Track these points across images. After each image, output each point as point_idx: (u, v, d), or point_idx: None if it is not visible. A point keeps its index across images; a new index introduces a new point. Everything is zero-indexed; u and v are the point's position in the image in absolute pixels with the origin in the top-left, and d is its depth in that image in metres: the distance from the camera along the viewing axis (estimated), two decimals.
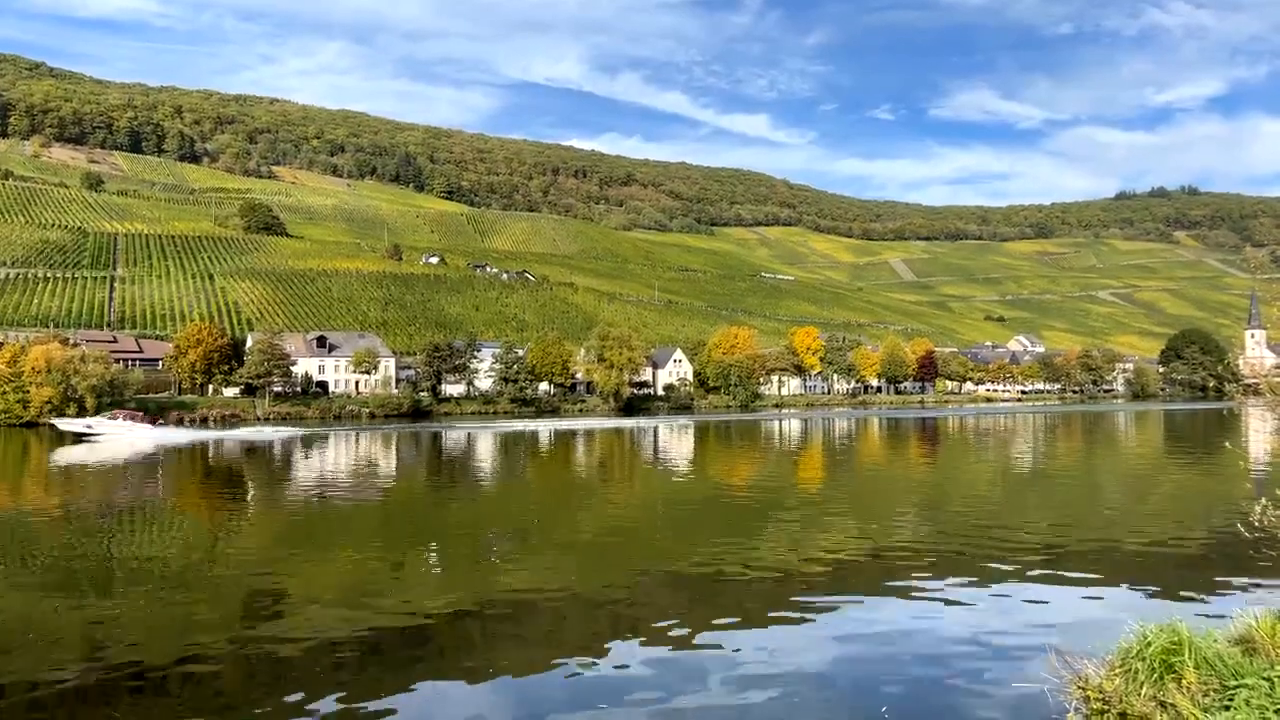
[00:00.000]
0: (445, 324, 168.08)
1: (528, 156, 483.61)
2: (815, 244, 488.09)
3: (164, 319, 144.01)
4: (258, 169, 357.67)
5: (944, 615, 15.58)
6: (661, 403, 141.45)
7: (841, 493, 36.78)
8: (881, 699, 11.59)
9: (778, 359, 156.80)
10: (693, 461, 54.26)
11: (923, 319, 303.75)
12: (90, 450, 60.58)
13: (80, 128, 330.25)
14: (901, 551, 21.61)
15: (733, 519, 28.08)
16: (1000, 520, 26.90)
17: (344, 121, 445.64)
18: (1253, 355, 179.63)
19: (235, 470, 49.68)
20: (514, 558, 22.37)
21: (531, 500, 36.25)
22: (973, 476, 42.93)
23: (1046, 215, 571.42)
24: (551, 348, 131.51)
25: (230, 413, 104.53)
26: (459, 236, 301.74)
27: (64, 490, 38.59)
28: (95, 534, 26.19)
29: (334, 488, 38.66)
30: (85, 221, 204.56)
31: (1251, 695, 8.25)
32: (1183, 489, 36.22)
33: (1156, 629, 9.83)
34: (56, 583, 19.33)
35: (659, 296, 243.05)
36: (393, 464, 52.58)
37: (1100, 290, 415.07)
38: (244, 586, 18.97)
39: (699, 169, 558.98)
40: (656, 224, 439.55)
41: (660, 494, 36.96)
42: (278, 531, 27.47)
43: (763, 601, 16.94)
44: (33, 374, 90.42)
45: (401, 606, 16.83)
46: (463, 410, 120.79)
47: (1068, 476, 42.08)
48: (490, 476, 45.24)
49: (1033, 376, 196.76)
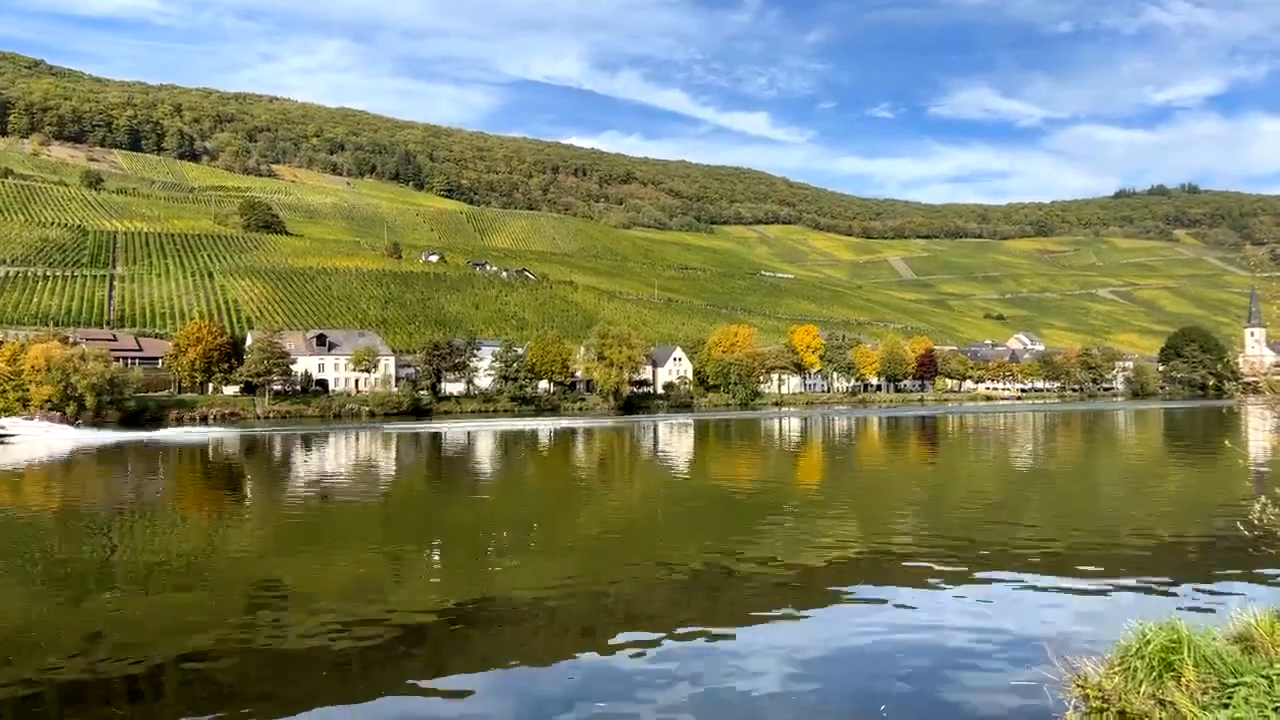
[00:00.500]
0: (445, 322, 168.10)
1: (527, 155, 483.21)
2: (815, 242, 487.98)
3: (164, 317, 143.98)
4: (257, 167, 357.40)
5: (943, 613, 15.59)
6: (661, 401, 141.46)
7: (841, 491, 36.79)
8: (880, 696, 11.60)
9: (777, 357, 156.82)
10: (692, 460, 54.27)
11: (922, 317, 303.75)
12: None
13: (79, 126, 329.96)
14: (901, 549, 21.62)
15: (733, 517, 28.09)
16: (999, 518, 26.92)
17: (343, 120, 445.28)
18: (1252, 353, 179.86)
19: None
20: (514, 556, 22.37)
21: (531, 499, 36.26)
22: (972, 475, 42.94)
23: (1046, 213, 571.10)
24: (551, 346, 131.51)
25: (230, 411, 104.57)
26: (458, 235, 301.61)
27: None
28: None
29: (333, 486, 38.66)
30: (85, 220, 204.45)
31: (1250, 694, 8.24)
32: (1182, 487, 36.24)
33: (1156, 627, 9.83)
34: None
35: (659, 295, 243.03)
36: (392, 462, 52.60)
37: (1100, 288, 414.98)
38: (242, 585, 18.98)
39: (699, 167, 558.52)
40: (656, 222, 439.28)
41: (660, 492, 36.96)
42: (276, 530, 27.48)
43: (762, 599, 16.95)
44: (32, 372, 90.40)
45: (401, 605, 16.84)
46: (462, 408, 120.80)
47: (1067, 475, 42.09)
48: (490, 475, 45.25)
49: (1032, 375, 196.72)
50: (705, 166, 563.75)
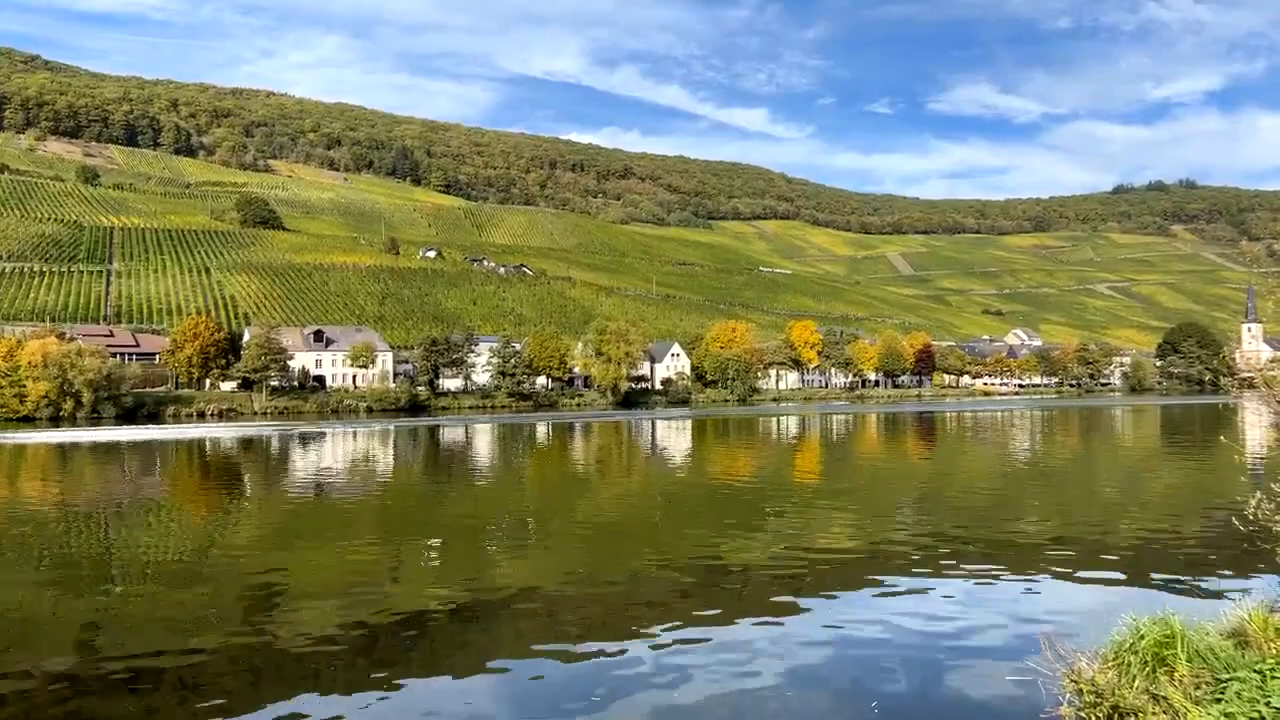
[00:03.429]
0: (442, 318, 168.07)
1: (525, 150, 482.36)
2: (813, 237, 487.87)
3: (161, 313, 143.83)
4: (254, 162, 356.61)
5: (938, 607, 15.63)
6: (659, 397, 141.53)
7: (838, 486, 36.84)
8: (874, 691, 11.63)
9: (775, 353, 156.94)
10: (690, 455, 54.33)
11: (920, 313, 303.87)
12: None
13: (76, 121, 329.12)
14: (897, 544, 21.66)
15: (730, 512, 28.13)
16: (995, 513, 26.98)
17: (341, 115, 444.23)
18: (1249, 349, 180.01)
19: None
20: (512, 551, 22.41)
21: (529, 494, 36.30)
22: (969, 470, 43.02)
23: (1044, 209, 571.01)
24: (549, 342, 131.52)
25: (227, 407, 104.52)
26: (456, 230, 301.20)
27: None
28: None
29: (331, 482, 38.67)
30: (81, 215, 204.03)
31: (1243, 688, 8.28)
32: (1178, 482, 36.31)
33: (1149, 622, 9.87)
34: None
35: (657, 290, 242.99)
36: (390, 458, 52.61)
37: (1098, 284, 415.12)
38: (240, 580, 18.99)
39: (697, 163, 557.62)
40: (654, 218, 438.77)
41: (658, 488, 37.01)
42: (274, 526, 27.49)
43: (760, 594, 16.99)
44: (29, 369, 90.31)
45: (399, 600, 16.86)
46: (460, 404, 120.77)
47: (1063, 470, 42.17)
48: (487, 471, 45.27)
49: (1030, 370, 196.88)
50: (703, 162, 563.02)
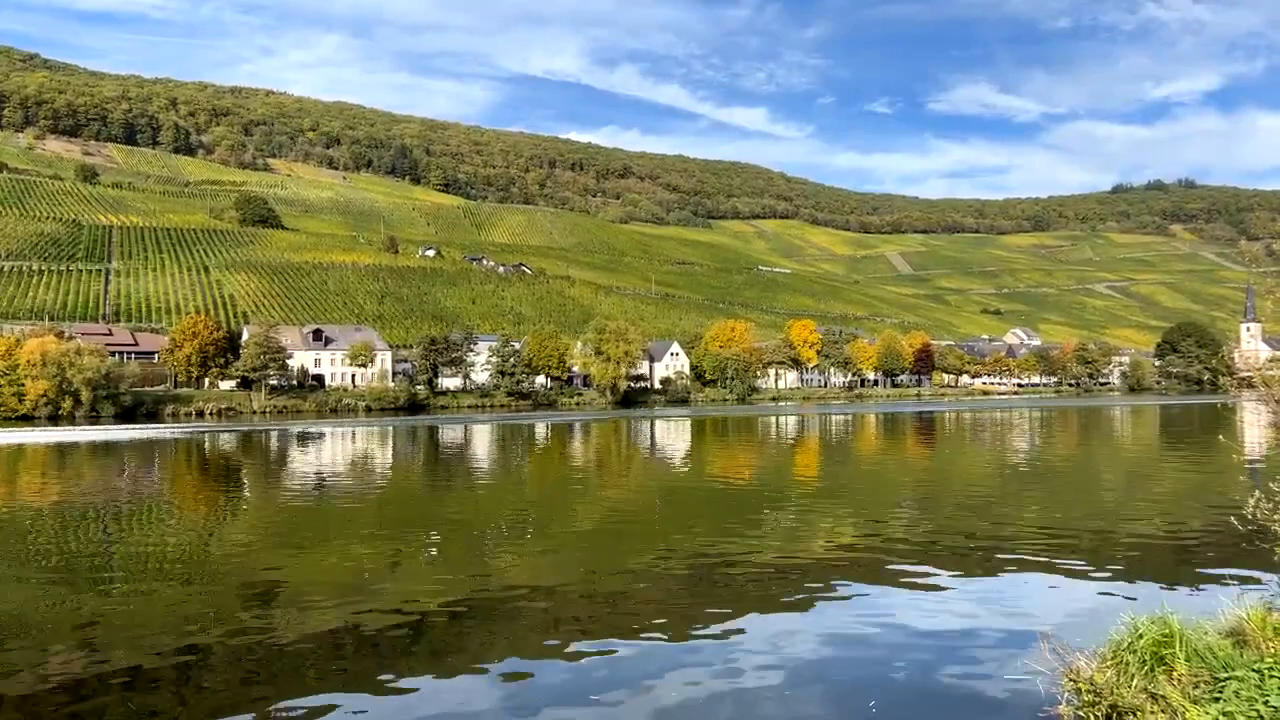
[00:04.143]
0: (441, 317, 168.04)
1: (524, 149, 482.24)
2: (812, 237, 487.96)
3: (159, 312, 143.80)
4: (253, 161, 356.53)
5: (936, 606, 15.63)
6: (658, 396, 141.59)
7: (837, 485, 36.85)
8: (872, 689, 11.63)
9: (774, 352, 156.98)
10: (689, 454, 54.32)
11: (919, 312, 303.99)
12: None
13: (75, 120, 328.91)
14: (895, 543, 21.66)
15: (729, 511, 28.13)
16: (994, 512, 26.98)
17: (340, 114, 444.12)
18: (1248, 348, 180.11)
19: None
20: (511, 551, 22.40)
21: (528, 493, 36.29)
22: (967, 469, 43.04)
23: (1043, 209, 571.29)
24: (548, 341, 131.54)
25: (226, 406, 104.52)
26: (455, 229, 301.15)
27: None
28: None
29: (330, 481, 38.66)
30: (80, 214, 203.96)
31: (1241, 687, 8.29)
32: (1177, 482, 36.32)
33: (1148, 621, 9.87)
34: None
35: (656, 289, 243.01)
36: (389, 457, 52.60)
37: (1097, 283, 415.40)
38: (239, 578, 18.98)
39: (696, 162, 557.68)
40: (653, 217, 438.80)
41: (657, 487, 37.00)
42: (273, 526, 27.48)
43: (759, 593, 16.99)
44: (28, 367, 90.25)
45: (398, 598, 16.85)
46: (459, 403, 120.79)
47: (1062, 470, 42.19)
48: (487, 470, 45.26)
49: (1029, 370, 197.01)
50: (703, 161, 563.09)
